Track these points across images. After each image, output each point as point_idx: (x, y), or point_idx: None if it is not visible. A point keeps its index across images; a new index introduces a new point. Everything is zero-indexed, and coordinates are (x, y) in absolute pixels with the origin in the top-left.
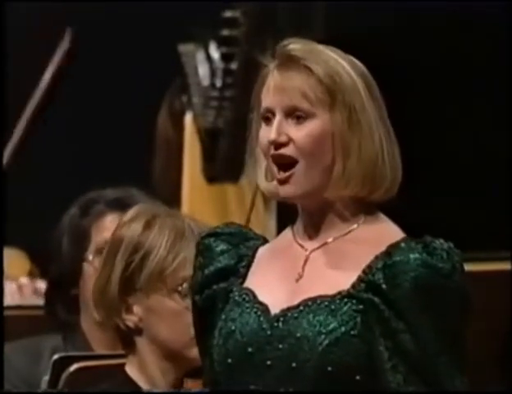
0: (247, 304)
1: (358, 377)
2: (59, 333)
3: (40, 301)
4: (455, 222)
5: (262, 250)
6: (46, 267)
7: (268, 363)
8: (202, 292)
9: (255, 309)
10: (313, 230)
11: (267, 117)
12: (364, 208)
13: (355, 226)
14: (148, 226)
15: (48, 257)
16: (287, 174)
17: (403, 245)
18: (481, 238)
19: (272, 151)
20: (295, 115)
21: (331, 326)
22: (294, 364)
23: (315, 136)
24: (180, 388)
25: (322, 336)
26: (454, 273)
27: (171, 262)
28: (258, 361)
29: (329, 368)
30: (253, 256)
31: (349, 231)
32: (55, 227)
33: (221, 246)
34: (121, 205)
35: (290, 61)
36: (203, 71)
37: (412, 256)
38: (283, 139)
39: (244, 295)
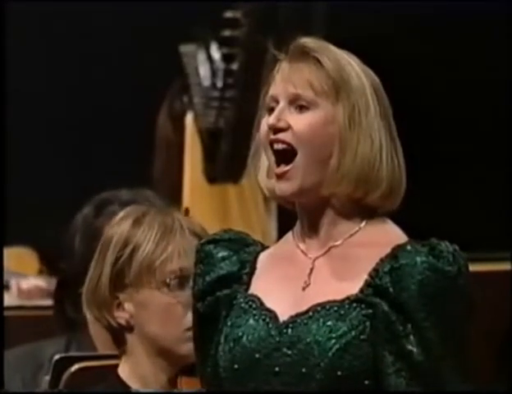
0: (254, 311)
1: (367, 382)
2: (63, 335)
3: (43, 301)
4: (456, 223)
5: (263, 256)
6: (55, 265)
7: (276, 369)
8: (204, 299)
9: (263, 316)
10: (314, 234)
11: (271, 108)
12: (365, 211)
13: (357, 229)
14: (137, 223)
15: (59, 255)
16: (286, 168)
17: (409, 247)
18: (481, 238)
19: (271, 136)
20: (298, 104)
21: (341, 331)
22: (303, 370)
23: (315, 126)
24: (174, 386)
25: (332, 341)
26: (460, 276)
27: (160, 255)
28: (266, 367)
29: (339, 373)
30: (254, 262)
31: (351, 235)
32: (65, 227)
33: (222, 253)
34: None
35: (300, 54)
36: (204, 71)
37: (419, 259)
38: (282, 124)
39: (250, 302)
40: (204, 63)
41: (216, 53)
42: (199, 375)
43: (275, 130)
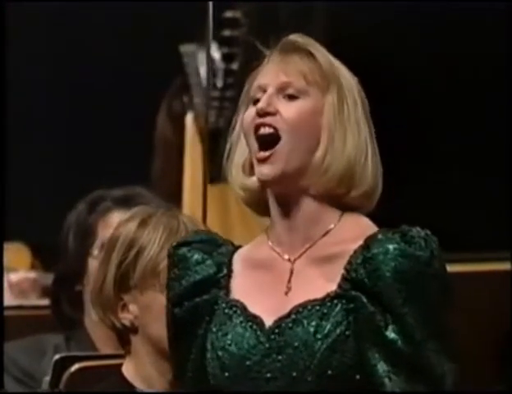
0: (240, 318)
1: (358, 377)
2: (62, 332)
3: (42, 300)
4: (455, 223)
5: (238, 257)
6: (48, 260)
7: (268, 375)
8: (181, 304)
9: (250, 323)
10: (289, 235)
11: (258, 99)
12: (341, 208)
13: (332, 226)
14: (143, 224)
15: (53, 252)
16: (270, 152)
17: (380, 236)
18: (481, 238)
19: (257, 120)
20: (287, 93)
21: (326, 330)
22: (294, 374)
23: (304, 114)
24: (177, 388)
25: (319, 342)
26: (433, 260)
27: (164, 258)
28: (257, 374)
29: (329, 372)
30: (230, 264)
31: (327, 232)
32: (56, 222)
33: (196, 256)
34: (127, 203)
35: (292, 48)
36: (204, 71)
37: (390, 246)
38: (271, 108)
39: (234, 308)
40: (204, 63)
41: (216, 53)
42: (176, 378)
43: (263, 114)
